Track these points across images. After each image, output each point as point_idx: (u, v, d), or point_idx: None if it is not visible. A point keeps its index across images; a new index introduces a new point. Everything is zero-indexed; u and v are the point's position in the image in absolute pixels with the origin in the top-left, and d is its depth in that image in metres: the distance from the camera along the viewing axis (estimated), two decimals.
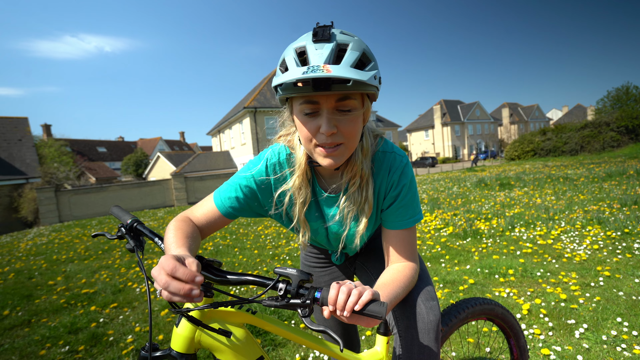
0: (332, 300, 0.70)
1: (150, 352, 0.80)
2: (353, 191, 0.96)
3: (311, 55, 0.76)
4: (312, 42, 0.77)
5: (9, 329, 2.97)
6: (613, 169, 11.14)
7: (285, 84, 0.77)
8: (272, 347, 2.31)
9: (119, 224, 1.00)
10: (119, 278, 4.24)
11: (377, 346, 1.19)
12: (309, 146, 0.86)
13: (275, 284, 0.77)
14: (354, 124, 0.83)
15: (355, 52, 0.77)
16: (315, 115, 0.81)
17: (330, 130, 0.79)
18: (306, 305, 0.74)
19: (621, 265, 3.19)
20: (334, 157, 0.84)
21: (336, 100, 0.79)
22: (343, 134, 0.82)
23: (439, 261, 3.85)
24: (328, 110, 0.80)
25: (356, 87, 0.75)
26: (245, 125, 24.51)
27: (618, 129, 25.25)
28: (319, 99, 0.79)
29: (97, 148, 46.84)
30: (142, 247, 0.96)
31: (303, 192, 0.97)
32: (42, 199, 15.30)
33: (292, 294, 0.76)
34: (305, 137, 0.84)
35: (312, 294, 0.75)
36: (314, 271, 1.36)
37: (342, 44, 0.77)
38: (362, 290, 0.71)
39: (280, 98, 0.86)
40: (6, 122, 20.95)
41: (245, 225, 7.54)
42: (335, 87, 0.74)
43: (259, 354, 0.90)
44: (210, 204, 0.98)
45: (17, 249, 7.31)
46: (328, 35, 0.77)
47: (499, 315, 1.35)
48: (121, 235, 0.98)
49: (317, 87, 0.74)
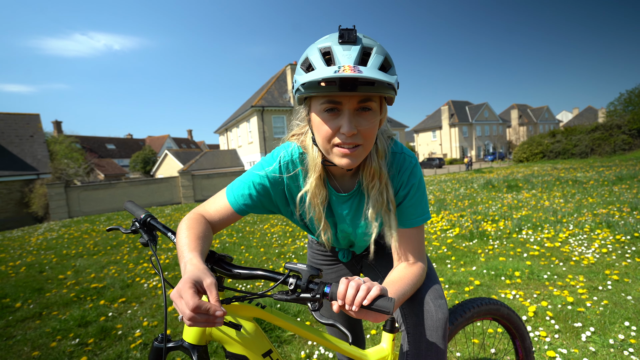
0: (341, 294, 0.72)
1: (165, 343, 0.82)
2: (374, 194, 0.97)
3: (339, 56, 0.77)
4: (338, 44, 0.79)
5: (21, 321, 3.04)
6: (624, 172, 10.99)
7: (310, 82, 0.77)
8: (277, 343, 2.33)
9: (133, 219, 1.02)
10: (127, 273, 4.30)
11: (383, 343, 1.21)
12: (327, 146, 0.87)
13: (286, 279, 0.80)
14: (373, 126, 0.84)
15: (380, 56, 0.79)
16: (336, 115, 0.83)
17: (351, 131, 0.81)
18: (316, 300, 0.76)
19: (630, 270, 3.16)
20: (352, 158, 0.85)
21: (358, 102, 0.81)
22: (362, 135, 0.84)
23: (445, 262, 3.85)
24: (350, 111, 0.81)
25: (379, 89, 0.77)
26: (253, 124, 24.61)
27: (630, 131, 24.84)
28: (342, 99, 0.80)
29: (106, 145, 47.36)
30: (156, 241, 0.99)
31: (321, 193, 0.99)
32: (52, 195, 15.53)
33: (302, 288, 0.78)
34: (324, 137, 0.85)
35: (321, 288, 0.76)
36: (321, 269, 1.38)
37: (367, 48, 0.79)
38: (371, 286, 0.73)
39: (299, 97, 0.87)
40: (18, 118, 21.17)
41: (252, 224, 7.58)
42: (361, 88, 0.75)
43: (267, 347, 0.92)
44: (223, 201, 1.00)
45: (28, 243, 7.43)
46: (354, 37, 0.78)
47: (505, 316, 1.35)
48: (135, 229, 1.01)
49: (343, 87, 0.75)
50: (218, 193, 1.03)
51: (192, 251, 0.80)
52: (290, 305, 2.87)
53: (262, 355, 0.90)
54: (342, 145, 0.84)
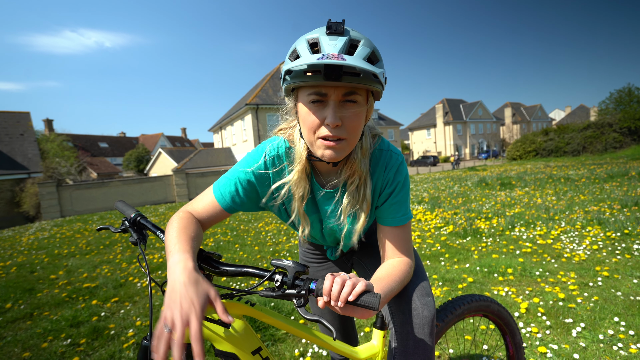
0: (326, 290, 0.72)
1: (151, 341, 0.81)
2: (352, 189, 0.97)
3: (325, 45, 0.77)
4: (326, 35, 0.79)
5: (12, 322, 3.00)
6: (615, 170, 11.12)
7: (296, 71, 0.78)
8: (271, 342, 2.33)
9: (123, 218, 1.01)
10: (120, 273, 4.27)
11: (374, 340, 1.21)
12: (311, 138, 0.86)
13: (272, 275, 0.79)
14: (358, 120, 0.84)
15: (367, 48, 0.79)
16: (322, 106, 0.82)
17: (335, 122, 0.80)
18: (301, 296, 0.76)
19: (620, 266, 3.20)
20: (335, 151, 0.85)
21: (343, 94, 0.81)
22: (346, 128, 0.83)
23: (438, 259, 3.86)
24: (335, 103, 0.81)
25: (365, 80, 0.76)
26: (247, 122, 24.53)
27: (621, 130, 25.16)
28: (328, 90, 0.80)
29: (99, 143, 46.93)
30: (145, 240, 0.98)
31: (302, 187, 0.97)
32: (43, 194, 15.39)
33: (288, 285, 0.77)
34: (309, 128, 0.85)
35: (307, 284, 0.76)
36: (312, 267, 1.38)
37: (355, 40, 0.79)
38: (356, 282, 0.72)
39: (286, 88, 0.86)
40: (8, 116, 20.96)
41: (246, 222, 7.57)
42: (345, 78, 0.75)
43: (257, 345, 0.92)
44: (210, 198, 0.99)
45: (19, 243, 7.35)
46: (342, 29, 0.78)
47: (495, 312, 1.36)
48: (125, 228, 1.00)
49: (328, 75, 0.75)
50: (205, 190, 1.02)
51: (184, 252, 0.77)
52: (284, 303, 2.86)
53: (251, 352, 0.90)
54: (326, 138, 0.84)
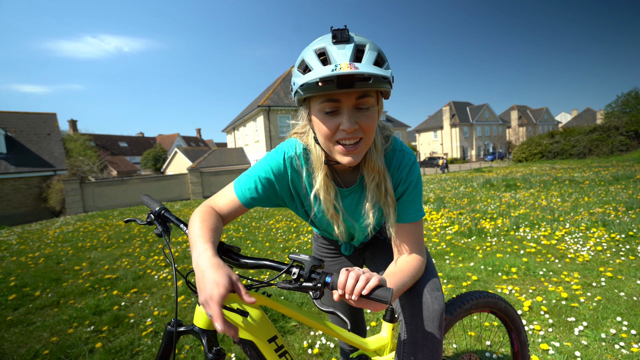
0: (341, 284, 0.76)
1: (176, 327, 0.87)
2: (373, 187, 1.01)
3: (334, 55, 0.81)
4: (332, 44, 0.82)
5: (40, 309, 3.19)
6: (620, 173, 11.04)
7: (307, 84, 0.80)
8: (281, 334, 2.38)
9: (149, 211, 1.07)
10: (139, 266, 4.41)
11: (383, 332, 1.26)
12: (329, 145, 0.90)
13: (290, 269, 0.83)
14: (372, 120, 0.88)
15: (374, 52, 0.83)
16: (336, 114, 0.86)
17: (352, 127, 0.84)
18: (317, 289, 0.80)
19: (624, 267, 3.22)
20: (354, 155, 0.89)
21: (356, 98, 0.84)
22: (362, 129, 0.87)
23: (443, 258, 3.90)
24: (349, 108, 0.85)
25: (376, 84, 0.80)
26: (259, 123, 24.82)
27: (627, 133, 24.94)
28: (341, 97, 0.83)
29: (119, 143, 47.77)
30: (169, 232, 1.04)
31: (330, 190, 1.02)
32: (68, 190, 16.25)
33: (305, 278, 0.81)
34: (325, 135, 0.88)
35: (323, 278, 0.80)
36: (325, 261, 1.43)
37: (360, 45, 0.83)
38: (370, 276, 0.76)
39: (298, 99, 0.89)
40: (36, 117, 22.16)
41: (258, 219, 7.67)
42: (358, 84, 0.79)
43: (273, 334, 0.97)
44: (231, 195, 1.03)
45: (46, 236, 7.60)
46: (347, 36, 0.82)
47: (502, 309, 1.38)
48: (150, 221, 1.05)
49: (341, 84, 0.78)
50: (226, 187, 1.07)
51: (207, 242, 0.81)
52: (294, 297, 2.93)
53: (267, 340, 0.95)
54: (343, 142, 0.87)
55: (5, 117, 21.17)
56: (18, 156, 19.29)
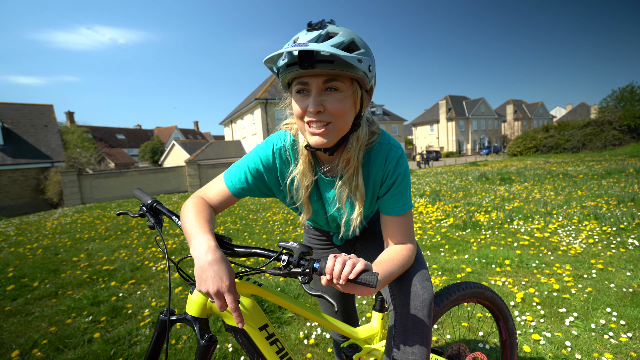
0: (329, 269, 0.78)
1: (169, 316, 0.88)
2: (346, 179, 1.02)
3: (300, 38, 0.83)
4: (306, 30, 0.85)
5: (39, 299, 3.20)
6: (613, 167, 11.15)
7: (281, 66, 0.85)
8: (277, 324, 2.42)
9: (141, 204, 1.07)
10: (137, 257, 4.44)
11: (373, 322, 1.27)
12: (301, 125, 0.93)
13: (279, 256, 0.85)
14: (341, 104, 0.88)
15: (342, 37, 0.83)
16: (306, 95, 0.88)
17: (316, 109, 0.86)
18: (306, 274, 0.81)
19: (614, 259, 3.27)
20: (322, 136, 0.90)
21: (323, 82, 0.86)
22: (330, 112, 0.88)
23: (438, 250, 3.93)
24: (316, 91, 0.86)
25: (339, 67, 0.82)
26: (257, 115, 24.80)
27: (620, 127, 25.12)
28: (308, 79, 0.86)
29: (117, 135, 47.70)
30: (161, 224, 1.04)
31: (307, 177, 1.04)
32: (66, 182, 16.17)
33: (294, 264, 0.83)
34: (297, 116, 0.92)
35: (311, 264, 0.82)
36: (316, 251, 1.44)
37: (332, 32, 0.84)
38: (356, 262, 0.78)
39: (282, 84, 0.93)
40: (33, 109, 21.99)
41: (255, 212, 7.69)
42: (319, 65, 0.81)
43: (264, 322, 0.98)
44: (221, 185, 1.05)
45: (44, 228, 7.60)
46: (320, 25, 0.84)
47: (489, 299, 1.41)
48: (142, 213, 1.06)
49: (302, 64, 0.81)
50: (216, 177, 1.08)
51: (207, 233, 0.85)
52: (290, 288, 2.95)
53: (258, 328, 0.96)
54: (311, 124, 0.90)
55: (2, 109, 20.99)
56: (15, 147, 19.20)
